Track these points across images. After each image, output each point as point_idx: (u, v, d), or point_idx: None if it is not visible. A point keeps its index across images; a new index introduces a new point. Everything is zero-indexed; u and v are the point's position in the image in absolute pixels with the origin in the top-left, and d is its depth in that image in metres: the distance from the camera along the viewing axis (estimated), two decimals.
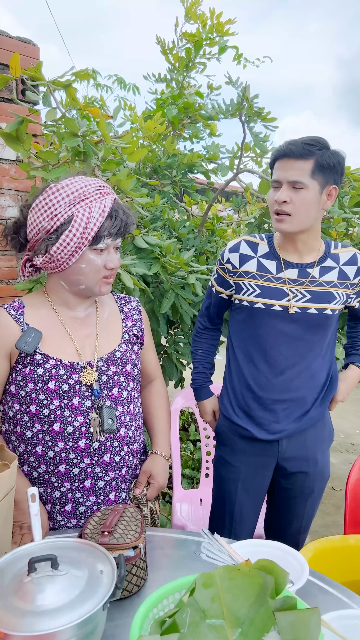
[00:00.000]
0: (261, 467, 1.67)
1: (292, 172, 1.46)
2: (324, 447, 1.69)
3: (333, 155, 1.47)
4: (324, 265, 1.59)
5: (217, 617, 0.87)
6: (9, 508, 1.09)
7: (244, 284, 1.61)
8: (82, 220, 1.27)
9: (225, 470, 1.71)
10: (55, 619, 0.85)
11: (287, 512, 1.71)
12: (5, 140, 1.65)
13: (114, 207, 1.32)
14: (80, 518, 1.37)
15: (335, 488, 3.68)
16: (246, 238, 1.65)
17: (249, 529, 1.73)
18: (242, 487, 1.67)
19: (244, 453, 1.67)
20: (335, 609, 0.98)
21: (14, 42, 2.06)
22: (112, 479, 1.38)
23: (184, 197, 3.43)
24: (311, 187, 1.46)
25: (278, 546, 1.20)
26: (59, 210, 1.28)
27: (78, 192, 1.29)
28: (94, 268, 1.33)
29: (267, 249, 1.62)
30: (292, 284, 1.58)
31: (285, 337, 1.59)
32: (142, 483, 1.46)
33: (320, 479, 1.69)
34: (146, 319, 1.57)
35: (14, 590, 0.91)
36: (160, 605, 0.90)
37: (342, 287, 1.60)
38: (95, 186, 1.31)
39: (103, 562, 0.98)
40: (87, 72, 1.69)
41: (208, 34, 3.03)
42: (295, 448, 1.65)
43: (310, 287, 1.57)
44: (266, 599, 0.86)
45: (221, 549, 1.13)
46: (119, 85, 4.24)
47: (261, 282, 1.59)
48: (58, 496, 1.35)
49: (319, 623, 0.79)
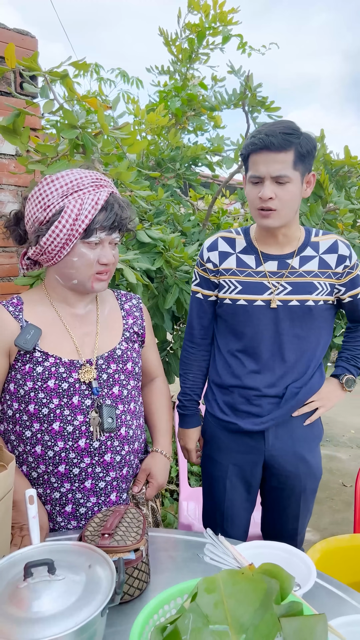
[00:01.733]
0: (249, 464, 1.63)
1: (275, 165, 1.38)
2: (312, 445, 1.65)
3: (309, 141, 1.41)
4: (303, 255, 1.53)
5: (220, 623, 0.84)
6: (7, 511, 1.07)
7: (225, 282, 1.56)
8: (73, 212, 1.24)
9: (213, 469, 1.68)
10: (52, 626, 0.82)
11: (281, 513, 1.68)
12: (2, 134, 1.62)
13: (109, 200, 1.28)
14: (80, 519, 1.34)
15: (345, 484, 3.63)
16: (222, 234, 1.60)
17: (241, 528, 1.69)
18: (230, 485, 1.64)
19: (231, 450, 1.63)
20: (343, 613, 0.95)
21: (11, 34, 2.03)
22: (113, 479, 1.36)
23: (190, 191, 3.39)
24: (294, 178, 1.41)
25: (284, 548, 1.16)
26: (51, 201, 1.25)
27: (72, 183, 1.26)
28: (86, 262, 1.29)
29: (244, 244, 1.57)
30: (272, 276, 1.53)
31: (270, 332, 1.54)
32: (140, 481, 1.43)
33: (312, 478, 1.64)
34: (147, 317, 1.54)
35: (9, 597, 0.88)
36: (161, 612, 0.87)
37: (324, 276, 1.53)
38: (92, 178, 1.28)
39: (102, 565, 0.95)
40: (86, 62, 1.65)
41: (211, 24, 2.98)
42: (281, 444, 1.60)
43: (291, 279, 1.52)
44: (271, 605, 0.83)
45: (225, 551, 1.09)
46: (122, 79, 4.20)
47: (242, 277, 1.55)
48: (58, 497, 1.32)
49: (325, 630, 0.77)
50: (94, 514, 1.34)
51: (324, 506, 3.32)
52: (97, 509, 1.34)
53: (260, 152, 1.39)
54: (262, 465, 1.63)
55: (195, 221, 2.86)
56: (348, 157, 2.59)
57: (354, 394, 4.01)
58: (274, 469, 1.62)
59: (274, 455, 1.61)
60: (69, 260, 1.29)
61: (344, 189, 2.69)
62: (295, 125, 1.42)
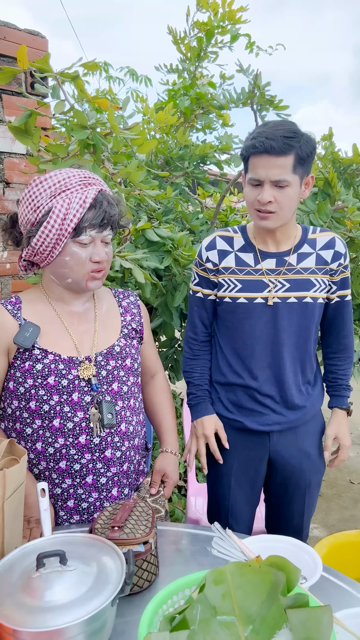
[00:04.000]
0: (253, 461, 1.65)
1: (275, 170, 1.38)
2: (315, 440, 1.67)
3: (308, 143, 1.41)
4: (301, 252, 1.55)
5: (228, 614, 0.86)
6: (19, 503, 1.09)
7: (225, 280, 1.58)
8: (61, 212, 1.26)
9: (218, 466, 1.69)
10: (64, 615, 0.85)
11: (286, 509, 1.69)
12: (14, 134, 1.64)
13: (98, 198, 1.29)
14: (83, 514, 1.36)
15: (353, 481, 3.64)
16: (220, 233, 1.61)
17: (245, 524, 1.70)
18: (235, 481, 1.65)
19: (235, 447, 1.65)
20: (349, 606, 0.96)
21: (22, 35, 2.05)
22: (114, 475, 1.37)
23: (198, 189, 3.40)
24: (293, 182, 1.42)
25: (291, 542, 1.18)
26: (40, 202, 1.27)
27: (60, 183, 1.28)
28: (78, 261, 1.31)
29: (242, 242, 1.58)
30: (270, 274, 1.54)
31: (270, 330, 1.56)
32: (157, 482, 1.46)
33: (316, 472, 1.66)
34: (145, 314, 1.56)
35: (22, 587, 0.91)
36: (169, 602, 0.89)
37: (322, 272, 1.55)
38: (79, 177, 1.30)
39: (113, 557, 0.98)
40: (96, 63, 1.67)
41: (220, 22, 2.99)
42: (285, 441, 1.62)
43: (289, 275, 1.54)
44: (278, 596, 0.85)
45: (233, 544, 1.11)
46: (131, 78, 4.22)
47: (241, 276, 1.56)
48: (59, 492, 1.34)
49: (331, 621, 0.78)
50: (96, 508, 1.36)
51: (331, 503, 3.32)
52: (99, 504, 1.36)
53: (260, 156, 1.39)
54: (267, 461, 1.65)
55: (203, 219, 2.87)
56: (356, 155, 2.59)
57: None
58: (279, 465, 1.64)
59: (279, 450, 1.62)
60: (62, 260, 1.31)
61: (352, 187, 2.70)
62: (296, 127, 1.42)
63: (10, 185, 2.09)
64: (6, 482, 1.01)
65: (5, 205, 2.07)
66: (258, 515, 1.81)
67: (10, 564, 0.97)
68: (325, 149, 2.91)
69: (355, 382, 2.71)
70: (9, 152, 2.05)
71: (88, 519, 1.36)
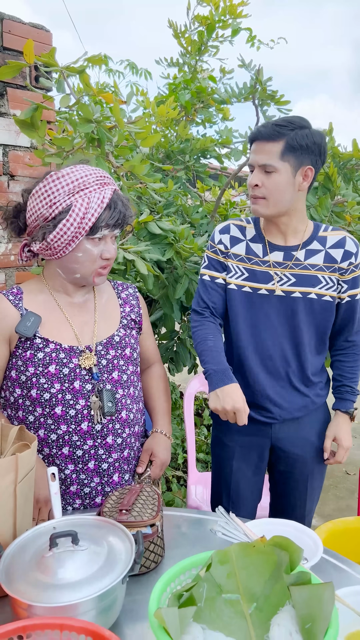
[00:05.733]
0: (255, 448, 1.68)
1: (262, 155, 1.46)
2: (319, 429, 1.69)
3: (307, 136, 1.44)
4: (309, 248, 1.57)
5: (233, 592, 0.90)
6: (30, 488, 1.12)
7: (233, 266, 1.61)
8: (80, 210, 1.28)
9: (221, 450, 1.72)
10: (76, 592, 0.88)
11: (289, 497, 1.72)
12: (20, 127, 1.66)
13: (113, 198, 1.33)
14: (85, 498, 1.39)
15: (349, 472, 3.69)
16: (234, 222, 1.65)
17: (247, 510, 1.73)
18: (237, 466, 1.68)
19: (238, 432, 1.67)
20: (349, 585, 1.00)
21: (27, 29, 2.06)
22: (115, 460, 1.41)
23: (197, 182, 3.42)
24: (282, 169, 1.45)
25: (292, 525, 1.22)
26: (58, 199, 1.29)
27: (78, 181, 1.30)
28: (90, 257, 1.34)
29: (253, 232, 1.61)
30: (277, 267, 1.57)
31: (272, 322, 1.58)
32: (144, 461, 1.47)
33: (319, 461, 1.69)
34: (144, 305, 1.59)
35: (36, 565, 0.94)
36: (177, 580, 0.92)
37: (329, 270, 1.56)
38: (96, 176, 1.32)
39: (122, 538, 1.01)
40: (100, 57, 1.69)
41: (221, 16, 3.00)
42: (288, 429, 1.65)
43: (295, 270, 1.56)
44: (281, 575, 0.88)
45: (237, 527, 1.15)
46: (130, 71, 4.21)
47: (249, 265, 1.59)
48: (62, 478, 1.37)
49: (333, 598, 0.81)
50: (97, 493, 1.39)
51: (328, 493, 3.38)
52: (101, 488, 1.40)
53: (255, 142, 1.48)
54: (270, 448, 1.68)
55: (203, 212, 2.89)
56: (356, 150, 2.61)
57: None
58: (282, 452, 1.67)
59: (281, 438, 1.66)
60: (73, 256, 1.34)
61: (351, 181, 2.72)
62: (300, 120, 1.47)
63: (15, 178, 2.10)
64: (18, 467, 1.04)
65: (9, 197, 2.09)
66: (262, 504, 1.84)
67: (23, 544, 1.00)
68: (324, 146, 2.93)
69: None
70: (13, 145, 2.06)
71: (90, 504, 1.40)
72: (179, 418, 3.51)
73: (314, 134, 1.46)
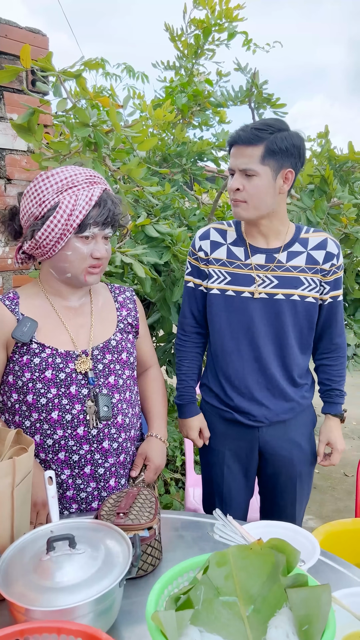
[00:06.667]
0: (243, 451, 1.68)
1: (242, 159, 1.46)
2: (306, 431, 1.69)
3: (286, 138, 1.45)
4: (291, 250, 1.57)
5: (230, 595, 0.90)
6: (27, 491, 1.13)
7: (214, 272, 1.61)
8: (67, 207, 1.29)
9: (210, 455, 1.73)
10: (74, 595, 0.88)
11: (278, 499, 1.72)
12: (17, 132, 1.67)
13: (103, 196, 1.33)
14: (81, 503, 1.39)
15: (347, 474, 3.70)
16: (214, 225, 1.65)
17: (239, 512, 1.74)
18: (227, 470, 1.69)
19: (226, 437, 1.68)
20: (346, 587, 1.00)
21: (24, 33, 2.07)
22: (112, 465, 1.41)
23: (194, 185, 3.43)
24: (262, 173, 1.45)
25: (289, 527, 1.22)
26: (46, 197, 1.30)
27: (67, 179, 1.31)
28: (80, 256, 1.34)
29: (235, 236, 1.61)
30: (259, 269, 1.57)
31: (257, 325, 1.58)
32: (138, 465, 1.47)
33: (307, 463, 1.69)
34: (141, 309, 1.59)
35: (33, 568, 0.94)
36: (175, 583, 0.92)
37: (312, 272, 1.56)
38: (85, 175, 1.33)
39: (119, 541, 1.02)
40: (97, 61, 1.69)
41: (217, 20, 3.01)
42: (275, 432, 1.65)
43: (277, 272, 1.56)
44: (278, 577, 0.88)
45: (234, 529, 1.15)
46: (127, 74, 4.23)
47: (231, 269, 1.59)
48: (59, 483, 1.37)
49: (329, 599, 0.81)
50: (94, 498, 1.39)
51: (326, 495, 3.38)
52: (97, 493, 1.39)
53: (234, 146, 1.48)
54: (258, 451, 1.68)
55: (200, 215, 2.90)
56: (352, 152, 2.62)
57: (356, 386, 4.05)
58: (269, 455, 1.67)
59: (268, 441, 1.65)
60: (63, 254, 1.34)
61: (347, 184, 2.73)
62: (278, 123, 1.47)
63: (12, 181, 2.11)
64: (16, 470, 1.05)
65: (6, 201, 2.10)
66: (254, 506, 1.85)
67: (21, 548, 1.00)
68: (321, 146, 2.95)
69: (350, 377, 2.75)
70: (10, 148, 2.07)
71: (86, 509, 1.40)
72: (177, 420, 3.51)
73: (293, 136, 1.47)
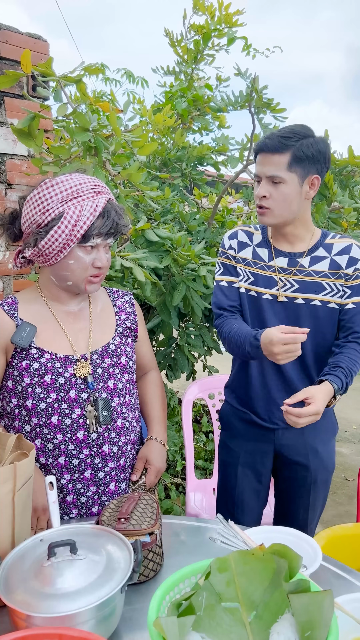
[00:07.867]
0: (259, 453, 1.68)
1: (269, 167, 1.47)
2: (324, 437, 1.67)
3: (312, 145, 1.46)
4: (314, 255, 1.57)
5: (232, 601, 0.89)
6: (28, 496, 1.12)
7: (241, 270, 1.63)
8: (72, 218, 1.29)
9: (227, 455, 1.73)
10: (75, 601, 0.88)
11: (291, 503, 1.72)
12: (17, 137, 1.67)
13: (107, 207, 1.33)
14: (81, 508, 1.39)
15: (348, 478, 3.69)
16: (242, 227, 1.67)
17: (253, 516, 1.73)
18: (242, 471, 1.69)
19: (243, 437, 1.69)
20: (348, 593, 1.00)
21: (24, 38, 2.08)
22: (112, 469, 1.40)
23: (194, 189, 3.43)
24: (289, 180, 1.46)
25: (291, 532, 1.22)
26: (50, 206, 1.30)
27: (72, 189, 1.30)
28: (82, 265, 1.34)
29: (260, 238, 1.63)
30: (281, 272, 1.58)
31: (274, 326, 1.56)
32: (138, 469, 1.47)
33: (323, 470, 1.67)
34: (139, 312, 1.59)
35: (34, 575, 0.94)
36: (176, 589, 0.92)
37: (334, 277, 1.55)
38: (90, 185, 1.33)
39: (120, 547, 1.01)
40: (97, 66, 1.70)
41: (216, 26, 3.02)
42: (291, 436, 1.65)
43: (299, 277, 1.57)
44: (280, 582, 0.88)
45: (235, 535, 1.15)
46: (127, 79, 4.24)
47: (254, 269, 1.61)
48: (59, 487, 1.37)
49: (332, 605, 0.80)
50: (94, 503, 1.39)
51: (327, 499, 3.37)
52: (97, 498, 1.39)
53: (260, 154, 1.50)
54: (273, 455, 1.68)
55: (200, 219, 2.91)
56: (352, 156, 2.63)
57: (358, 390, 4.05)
58: (285, 459, 1.67)
59: (284, 445, 1.66)
60: (65, 263, 1.34)
61: (347, 188, 2.74)
62: (303, 129, 1.47)
63: (12, 186, 2.11)
64: (17, 475, 1.04)
65: (7, 205, 2.10)
66: (267, 513, 1.84)
67: (22, 554, 1.00)
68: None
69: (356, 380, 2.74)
70: (10, 153, 2.07)
71: (87, 513, 1.39)
72: (178, 425, 3.50)
73: (318, 142, 1.48)
